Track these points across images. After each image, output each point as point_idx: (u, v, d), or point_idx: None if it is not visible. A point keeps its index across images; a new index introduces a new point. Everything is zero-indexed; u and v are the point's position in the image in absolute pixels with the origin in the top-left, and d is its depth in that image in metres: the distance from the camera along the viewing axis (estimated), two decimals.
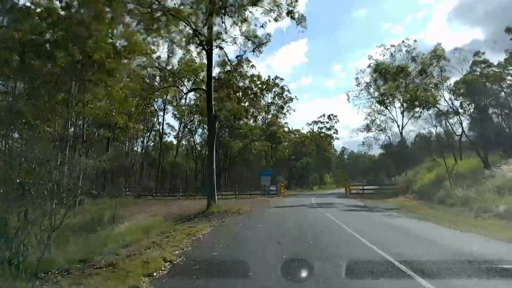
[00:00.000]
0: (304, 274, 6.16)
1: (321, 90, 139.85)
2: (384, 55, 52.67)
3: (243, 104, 52.25)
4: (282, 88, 66.35)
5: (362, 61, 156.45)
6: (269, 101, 65.96)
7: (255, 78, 56.76)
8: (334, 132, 73.17)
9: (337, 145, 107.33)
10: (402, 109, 52.86)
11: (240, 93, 56.95)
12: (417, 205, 22.75)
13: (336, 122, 73.05)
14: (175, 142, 65.43)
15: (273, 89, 65.45)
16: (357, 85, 54.60)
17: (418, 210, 19.02)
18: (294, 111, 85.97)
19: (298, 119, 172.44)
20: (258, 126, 54.96)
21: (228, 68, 25.08)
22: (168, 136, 73.68)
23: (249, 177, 65.78)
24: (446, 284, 5.59)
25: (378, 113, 53.42)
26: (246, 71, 58.70)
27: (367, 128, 53.90)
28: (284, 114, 67.43)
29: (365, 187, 35.63)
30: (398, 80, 39.53)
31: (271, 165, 62.03)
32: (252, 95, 57.60)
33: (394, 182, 37.35)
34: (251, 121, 56.63)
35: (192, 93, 46.37)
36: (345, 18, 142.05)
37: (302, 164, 68.01)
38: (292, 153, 71.73)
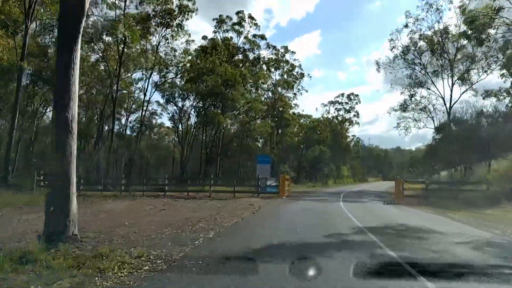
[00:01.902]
0: None
1: (332, 83, 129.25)
2: (427, 11, 37.53)
3: (240, 69, 37.42)
4: (292, 65, 51.43)
5: (375, 55, 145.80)
6: (277, 78, 51.01)
7: (256, 39, 41.86)
8: (354, 115, 57.79)
9: (354, 132, 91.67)
10: (452, 81, 37.58)
11: (240, 56, 42.46)
12: None
13: (357, 103, 57.73)
14: (169, 125, 51.23)
15: (281, 64, 50.55)
16: (391, 50, 39.59)
17: None
18: (307, 91, 71.18)
19: (309, 110, 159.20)
20: (259, 99, 39.94)
21: None
22: (160, 117, 59.75)
23: (248, 167, 51.31)
24: None
25: (420, 86, 38.27)
26: (248, 32, 44.48)
27: (404, 106, 38.78)
28: (295, 94, 52.38)
29: (407, 184, 20.29)
30: None
31: (276, 152, 47.30)
32: (256, 63, 42.71)
33: (464, 179, 22.14)
34: (253, 94, 41.74)
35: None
36: (359, 10, 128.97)
37: (314, 153, 53.03)
38: (302, 140, 56.94)
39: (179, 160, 56.74)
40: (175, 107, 40.41)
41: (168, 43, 30.45)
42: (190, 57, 31.24)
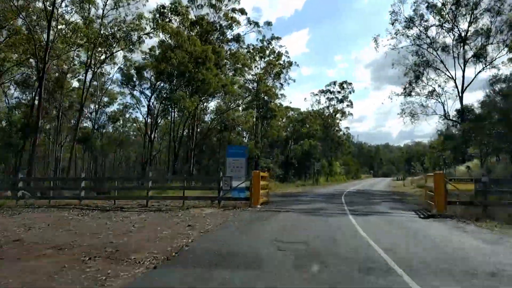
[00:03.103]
0: None
1: (321, 81, 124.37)
2: None
3: (213, 45, 30.14)
4: (278, 54, 44.41)
5: (363, 52, 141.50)
6: (262, 66, 43.83)
7: (235, 14, 34.60)
8: (348, 105, 50.95)
9: (346, 125, 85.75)
10: (464, 59, 30.78)
11: (216, 35, 35.22)
12: None
13: (350, 92, 50.93)
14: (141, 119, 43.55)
15: (266, 52, 43.48)
16: (392, 24, 32.66)
17: None
18: (294, 81, 64.18)
19: (297, 106, 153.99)
20: (237, 81, 32.68)
21: None
22: (136, 111, 51.71)
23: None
24: None
25: (427, 65, 31.43)
26: (226, 5, 37.22)
27: (409, 88, 31.91)
28: (281, 84, 45.31)
29: (454, 185, 12.96)
30: None
31: (260, 147, 40.20)
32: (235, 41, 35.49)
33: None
34: (230, 75, 34.38)
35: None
36: (347, 7, 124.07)
37: (302, 148, 46.02)
38: (291, 134, 50.00)
39: (157, 157, 49.43)
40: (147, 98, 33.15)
41: (116, 5, 22.90)
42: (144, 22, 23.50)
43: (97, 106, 43.14)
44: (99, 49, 23.79)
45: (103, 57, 26.03)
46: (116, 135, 54.11)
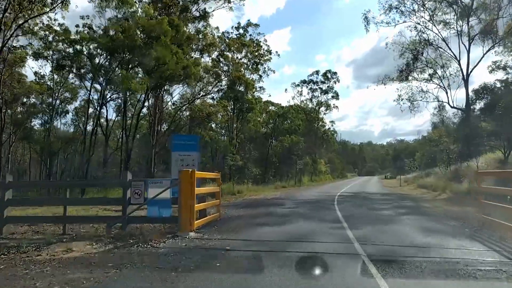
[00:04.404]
0: None
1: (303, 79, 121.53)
2: None
3: (170, 17, 24.46)
4: (257, 44, 39.31)
5: (345, 51, 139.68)
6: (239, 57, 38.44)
7: None
8: (333, 96, 45.93)
9: (331, 118, 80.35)
10: (469, 37, 25.96)
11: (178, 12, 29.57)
12: None
13: (335, 82, 45.91)
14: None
15: (243, 39, 38.21)
16: None
17: None
18: (274, 72, 58.88)
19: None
20: (206, 65, 27.09)
21: None
22: (96, 106, 45.66)
23: (202, 163, 38.25)
24: None
25: (428, 43, 26.43)
26: None
27: (406, 71, 26.86)
28: (260, 76, 40.18)
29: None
30: None
31: (236, 143, 34.73)
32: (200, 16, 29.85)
33: None
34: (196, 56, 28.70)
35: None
36: (329, 6, 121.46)
37: (283, 145, 40.70)
38: (271, 131, 44.70)
39: (123, 157, 43.23)
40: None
41: None
42: None
43: (57, 101, 37.02)
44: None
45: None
46: (78, 133, 47.80)
